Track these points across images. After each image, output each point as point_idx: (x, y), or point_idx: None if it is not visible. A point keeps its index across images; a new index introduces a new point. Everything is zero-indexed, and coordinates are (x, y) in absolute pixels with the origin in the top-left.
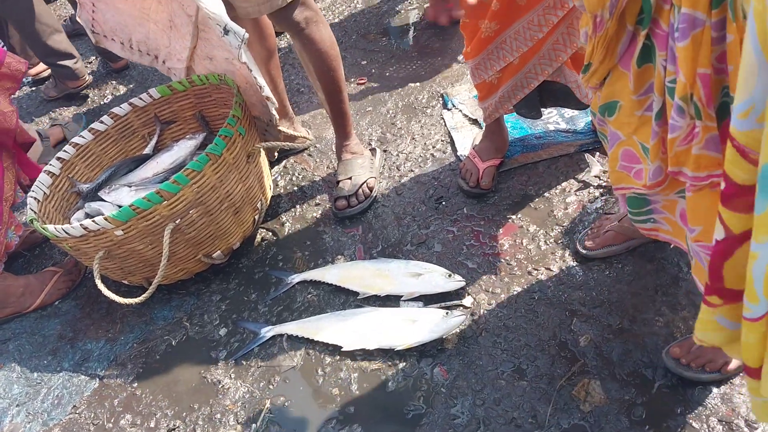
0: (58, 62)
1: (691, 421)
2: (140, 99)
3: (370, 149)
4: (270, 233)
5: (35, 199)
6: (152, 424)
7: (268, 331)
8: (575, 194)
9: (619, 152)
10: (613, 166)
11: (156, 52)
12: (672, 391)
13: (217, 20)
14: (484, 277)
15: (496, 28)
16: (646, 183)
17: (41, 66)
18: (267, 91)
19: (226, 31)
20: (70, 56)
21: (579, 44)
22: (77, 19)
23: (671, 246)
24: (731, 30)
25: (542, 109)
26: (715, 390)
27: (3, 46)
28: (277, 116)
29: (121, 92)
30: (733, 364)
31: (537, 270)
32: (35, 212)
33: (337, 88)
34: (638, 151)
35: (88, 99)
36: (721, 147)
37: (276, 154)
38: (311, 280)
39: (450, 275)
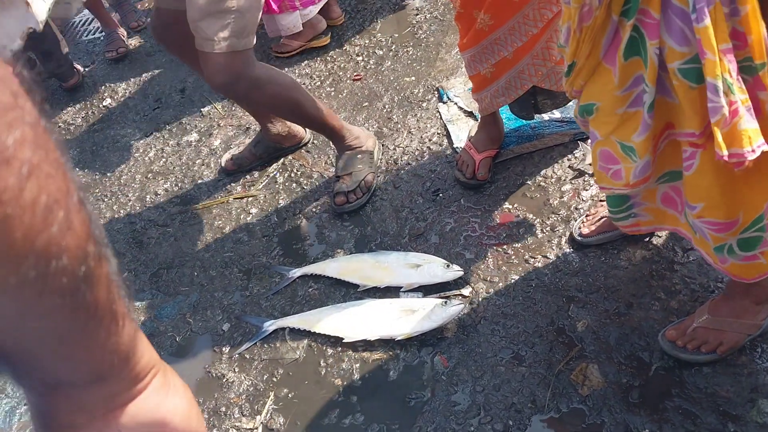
0: None
1: (687, 401)
2: None
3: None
4: (270, 228)
5: None
6: None
7: (270, 325)
8: (570, 183)
9: (597, 152)
10: (595, 165)
11: None
12: (668, 373)
13: None
14: (482, 266)
15: (490, 23)
16: (629, 182)
17: None
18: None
19: None
20: None
21: (557, 47)
22: None
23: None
24: (743, 2)
25: (536, 115)
26: (710, 371)
27: None
28: None
29: (76, 108)
30: (727, 344)
31: (534, 258)
32: None
33: (307, 118)
34: (616, 152)
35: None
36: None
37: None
38: (312, 274)
39: (448, 265)
